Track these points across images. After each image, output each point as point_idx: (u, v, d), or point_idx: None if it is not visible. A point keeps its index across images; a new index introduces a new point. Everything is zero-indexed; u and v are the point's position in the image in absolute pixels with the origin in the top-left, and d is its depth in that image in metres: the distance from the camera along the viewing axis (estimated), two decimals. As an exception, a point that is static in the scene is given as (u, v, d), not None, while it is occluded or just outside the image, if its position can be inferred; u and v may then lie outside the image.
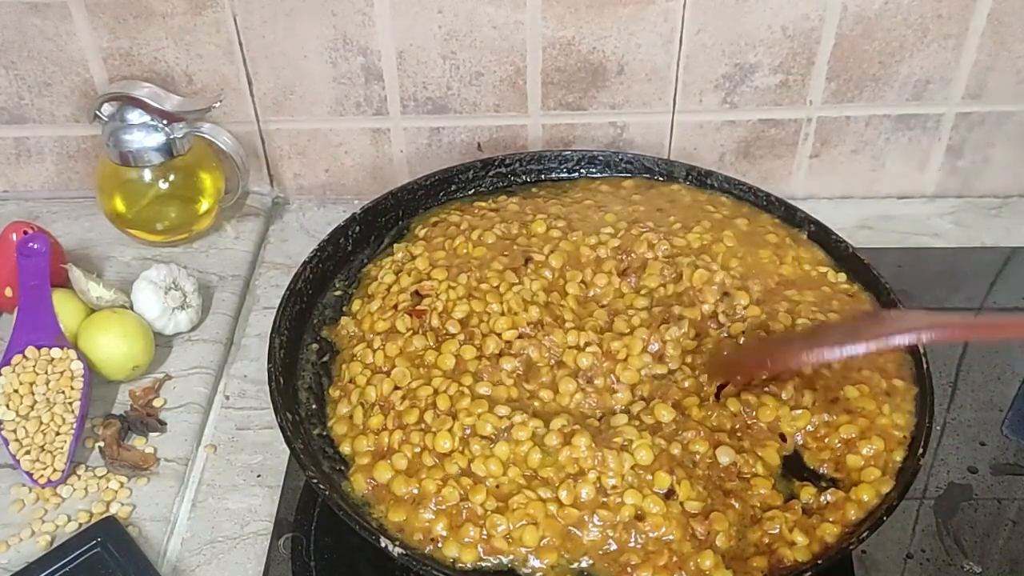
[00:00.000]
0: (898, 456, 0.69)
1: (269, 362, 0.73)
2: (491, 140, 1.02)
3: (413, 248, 0.84)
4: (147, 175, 0.94)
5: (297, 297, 0.79)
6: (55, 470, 0.76)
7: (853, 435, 0.69)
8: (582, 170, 0.94)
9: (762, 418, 0.70)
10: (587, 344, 0.74)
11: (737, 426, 0.70)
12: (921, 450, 0.67)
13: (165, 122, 0.92)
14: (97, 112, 0.92)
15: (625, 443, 0.67)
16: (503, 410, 0.70)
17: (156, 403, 0.83)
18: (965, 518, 0.75)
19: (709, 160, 1.02)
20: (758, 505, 0.66)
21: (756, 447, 0.69)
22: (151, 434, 0.81)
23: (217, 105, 0.93)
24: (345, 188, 1.06)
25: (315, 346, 0.79)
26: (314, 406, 0.75)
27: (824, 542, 0.64)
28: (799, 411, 0.70)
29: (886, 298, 0.79)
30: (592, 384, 0.73)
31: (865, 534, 0.63)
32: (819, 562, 0.62)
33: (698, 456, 0.68)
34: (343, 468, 0.70)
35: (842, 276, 0.82)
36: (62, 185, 1.05)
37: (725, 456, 0.68)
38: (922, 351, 0.73)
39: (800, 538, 0.64)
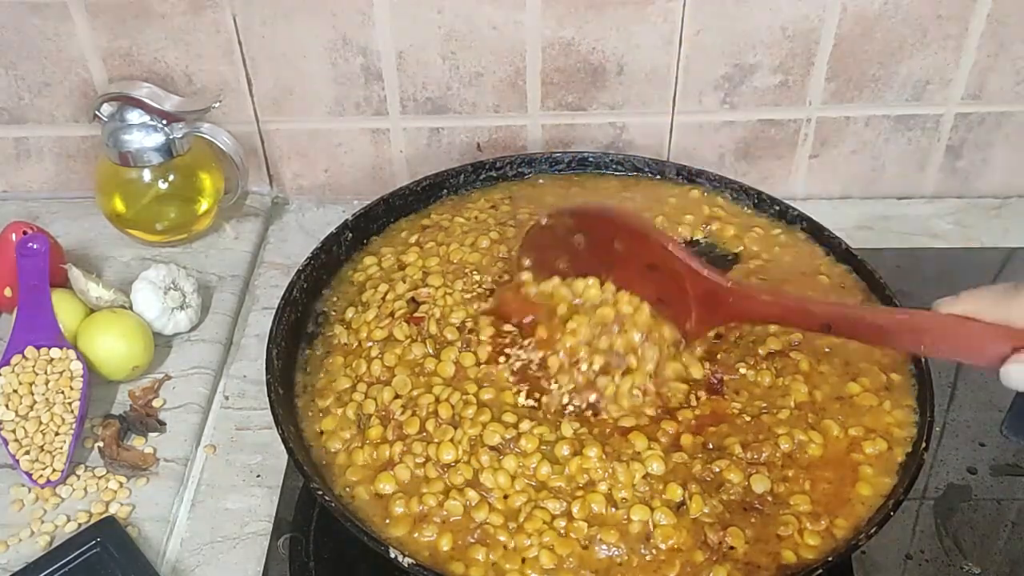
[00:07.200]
0: (900, 451, 0.68)
1: (267, 373, 0.72)
2: (491, 140, 1.02)
3: (404, 256, 0.83)
4: (147, 175, 0.94)
5: (292, 307, 0.78)
6: (54, 470, 0.76)
7: (858, 435, 0.69)
8: (574, 172, 0.93)
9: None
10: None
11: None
12: (924, 444, 0.67)
13: (164, 122, 0.92)
14: (97, 112, 0.92)
15: (636, 453, 0.66)
16: (510, 417, 0.69)
17: (155, 403, 0.83)
18: (964, 519, 0.75)
19: (709, 160, 1.02)
20: (786, 523, 0.64)
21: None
22: (150, 434, 0.81)
23: (216, 105, 0.93)
24: (344, 188, 1.06)
25: (310, 353, 0.78)
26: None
27: (833, 539, 0.64)
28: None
29: (882, 296, 0.78)
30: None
31: (874, 530, 0.62)
32: (829, 559, 0.62)
33: (729, 484, 0.66)
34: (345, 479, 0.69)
35: (839, 268, 0.82)
36: (62, 185, 1.05)
37: (760, 485, 0.66)
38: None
39: (812, 540, 0.63)
